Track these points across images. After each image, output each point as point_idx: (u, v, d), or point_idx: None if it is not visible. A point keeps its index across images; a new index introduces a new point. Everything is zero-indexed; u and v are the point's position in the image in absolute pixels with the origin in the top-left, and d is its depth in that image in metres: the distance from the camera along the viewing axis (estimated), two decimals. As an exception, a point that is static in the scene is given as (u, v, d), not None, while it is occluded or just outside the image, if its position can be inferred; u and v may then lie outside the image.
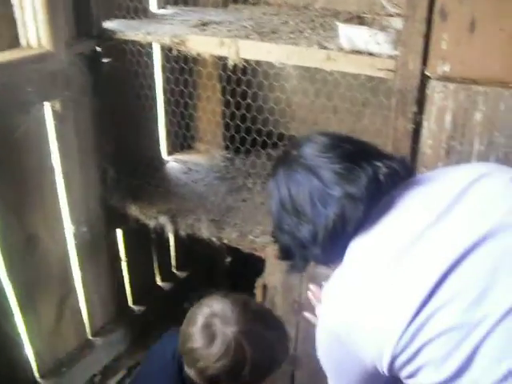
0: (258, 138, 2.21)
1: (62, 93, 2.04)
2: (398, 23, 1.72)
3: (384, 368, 1.13)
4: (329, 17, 2.20)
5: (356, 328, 1.14)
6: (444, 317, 1.04)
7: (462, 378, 1.02)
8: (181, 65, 2.20)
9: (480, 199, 1.12)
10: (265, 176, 2.53)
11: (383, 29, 1.72)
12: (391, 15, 1.98)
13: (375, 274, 1.12)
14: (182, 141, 2.61)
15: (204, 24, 2.07)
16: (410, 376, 1.12)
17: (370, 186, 1.17)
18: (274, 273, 2.05)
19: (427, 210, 1.13)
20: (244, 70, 2.13)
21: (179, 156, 2.77)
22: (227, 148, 2.74)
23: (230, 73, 2.21)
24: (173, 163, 2.71)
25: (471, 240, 1.05)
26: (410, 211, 1.16)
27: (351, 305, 1.15)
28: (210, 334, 1.44)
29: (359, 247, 1.18)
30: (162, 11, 2.42)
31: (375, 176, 1.18)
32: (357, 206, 1.17)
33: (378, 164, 1.20)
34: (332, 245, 1.22)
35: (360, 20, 1.88)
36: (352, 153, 1.23)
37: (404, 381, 1.16)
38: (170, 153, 2.76)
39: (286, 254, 1.37)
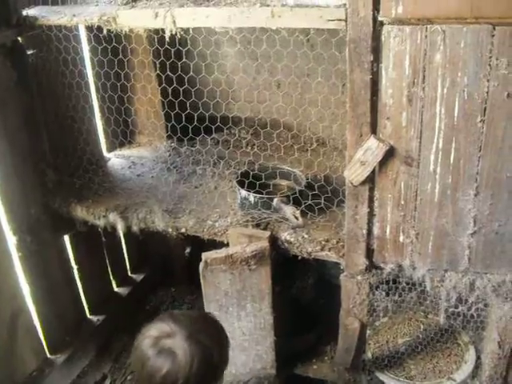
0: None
1: (-17, 91, 1.86)
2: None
3: None
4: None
5: None
6: None
7: None
8: (114, 45, 2.04)
9: None
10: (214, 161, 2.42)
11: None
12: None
13: None
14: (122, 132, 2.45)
15: (133, 1, 1.92)
16: None
17: None
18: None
19: None
20: (179, 54, 2.01)
21: (120, 151, 2.61)
22: (170, 138, 2.60)
23: (164, 58, 2.07)
24: (115, 159, 2.54)
25: None
26: None
27: None
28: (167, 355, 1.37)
29: None
30: (83, -3, 2.25)
31: None
32: None
33: None
34: None
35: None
36: None
37: None
38: (110, 149, 2.60)
39: None
